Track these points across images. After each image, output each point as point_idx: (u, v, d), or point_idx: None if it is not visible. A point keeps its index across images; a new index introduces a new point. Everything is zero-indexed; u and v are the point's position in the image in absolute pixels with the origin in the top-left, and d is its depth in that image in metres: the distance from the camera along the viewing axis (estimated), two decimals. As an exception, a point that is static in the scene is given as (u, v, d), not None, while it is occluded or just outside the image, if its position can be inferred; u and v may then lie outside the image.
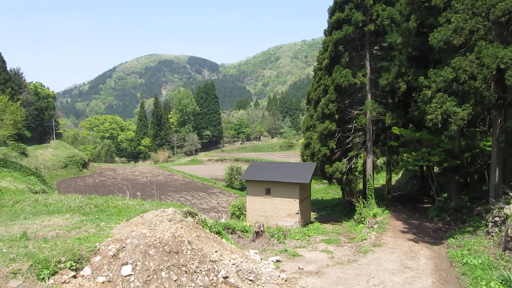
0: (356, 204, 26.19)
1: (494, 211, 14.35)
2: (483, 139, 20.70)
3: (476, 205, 19.48)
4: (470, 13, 14.39)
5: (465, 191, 23.35)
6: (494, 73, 14.44)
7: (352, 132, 27.52)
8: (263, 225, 17.54)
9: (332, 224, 26.44)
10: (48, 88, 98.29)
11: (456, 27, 14.43)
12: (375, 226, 20.23)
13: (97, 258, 8.13)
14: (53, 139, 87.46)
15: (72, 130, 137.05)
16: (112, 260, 8.15)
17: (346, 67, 25.33)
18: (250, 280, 9.61)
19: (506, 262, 11.42)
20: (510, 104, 15.60)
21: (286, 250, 14.94)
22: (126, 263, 8.12)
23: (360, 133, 27.81)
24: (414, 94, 22.62)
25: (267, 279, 10.10)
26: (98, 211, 13.43)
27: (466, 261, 12.33)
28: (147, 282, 7.90)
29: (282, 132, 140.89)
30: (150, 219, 10.17)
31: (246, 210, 26.99)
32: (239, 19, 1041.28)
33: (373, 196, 25.72)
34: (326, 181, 31.97)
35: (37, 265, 7.14)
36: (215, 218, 27.33)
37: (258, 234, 16.68)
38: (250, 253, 12.29)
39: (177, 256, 8.88)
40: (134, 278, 7.88)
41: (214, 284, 8.78)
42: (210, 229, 12.63)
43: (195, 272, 8.78)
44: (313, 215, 30.81)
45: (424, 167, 28.15)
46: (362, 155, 29.43)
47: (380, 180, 42.64)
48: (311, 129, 32.94)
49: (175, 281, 8.23)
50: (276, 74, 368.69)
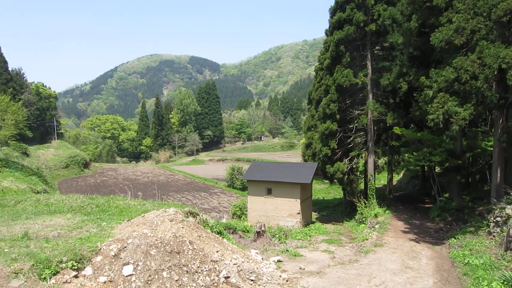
0: (357, 204, 26.19)
1: (496, 211, 14.33)
2: (485, 139, 20.66)
3: (477, 205, 19.46)
4: (472, 13, 14.37)
5: (466, 191, 23.32)
6: (495, 73, 14.42)
7: (353, 132, 27.50)
8: (264, 225, 17.55)
9: (333, 224, 26.42)
10: (49, 88, 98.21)
11: (457, 27, 14.41)
12: (377, 226, 20.21)
13: (98, 258, 8.15)
14: (54, 139, 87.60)
15: (73, 130, 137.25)
16: (113, 260, 8.16)
17: (348, 67, 25.32)
18: (252, 280, 9.61)
19: (507, 262, 11.40)
20: (511, 104, 15.58)
21: (287, 250, 14.93)
22: (128, 263, 8.14)
23: (361, 133, 27.79)
24: (415, 94, 22.57)
25: (269, 279, 10.10)
26: (99, 211, 13.45)
27: (468, 261, 12.31)
28: (149, 282, 7.91)
29: (283, 132, 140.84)
30: (152, 219, 10.19)
31: (247, 210, 27.00)
32: (240, 19, 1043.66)
33: (374, 196, 25.71)
34: (327, 181, 31.98)
35: (38, 265, 7.16)
36: (216, 218, 27.39)
37: (259, 234, 16.69)
38: (251, 253, 12.28)
39: (178, 256, 8.89)
40: (136, 278, 7.89)
41: (216, 284, 8.78)
42: (211, 229, 12.64)
43: (197, 272, 8.78)
44: (314, 215, 30.80)
45: (425, 167, 28.07)
46: (363, 155, 29.39)
47: (381, 180, 42.61)
48: (312, 129, 32.90)
49: (177, 281, 8.23)
50: (277, 74, 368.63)
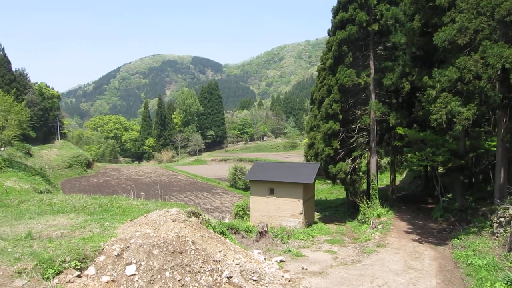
0: (360, 204, 26.13)
1: (499, 212, 14.27)
2: (488, 139, 20.60)
3: (481, 205, 19.37)
4: (475, 12, 14.32)
5: (469, 192, 23.22)
6: (499, 72, 14.37)
7: (356, 132, 27.44)
8: (267, 225, 17.54)
9: (336, 224, 26.38)
10: (52, 88, 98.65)
11: (460, 27, 14.36)
12: (379, 227, 20.16)
13: (101, 257, 8.18)
14: (57, 139, 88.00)
15: (76, 130, 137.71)
16: (116, 259, 8.19)
17: (350, 67, 25.28)
18: (254, 280, 9.61)
19: (511, 263, 11.36)
20: (515, 104, 15.52)
21: (289, 250, 14.92)
22: (130, 263, 8.16)
23: (364, 133, 27.73)
24: (418, 94, 22.48)
25: (271, 279, 10.10)
26: (102, 211, 13.51)
27: (471, 262, 12.26)
28: (151, 282, 7.93)
29: (285, 132, 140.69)
30: (154, 219, 10.21)
31: (249, 210, 26.99)
32: (243, 19, 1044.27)
33: (377, 196, 25.64)
34: (330, 181, 31.91)
35: (42, 264, 7.20)
36: (219, 218, 27.38)
37: (261, 234, 16.68)
38: (254, 253, 12.29)
39: (181, 256, 8.91)
40: (138, 278, 7.92)
41: (218, 284, 8.80)
42: (213, 229, 12.66)
43: (199, 272, 8.80)
44: (316, 215, 30.77)
45: (428, 167, 28.03)
46: (366, 155, 29.34)
47: (384, 180, 42.51)
48: (315, 129, 32.83)
49: (179, 281, 8.25)
50: (279, 74, 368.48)
